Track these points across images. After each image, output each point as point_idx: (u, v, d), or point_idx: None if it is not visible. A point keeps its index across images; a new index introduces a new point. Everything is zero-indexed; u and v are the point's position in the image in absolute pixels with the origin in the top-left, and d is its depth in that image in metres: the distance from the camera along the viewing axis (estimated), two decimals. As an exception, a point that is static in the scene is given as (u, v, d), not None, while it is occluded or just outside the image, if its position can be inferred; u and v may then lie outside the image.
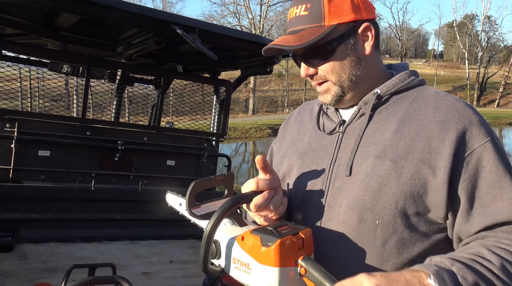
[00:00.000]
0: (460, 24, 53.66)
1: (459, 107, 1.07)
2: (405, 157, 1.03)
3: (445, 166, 1.00)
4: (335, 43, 1.09)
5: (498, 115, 33.80)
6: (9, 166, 3.77)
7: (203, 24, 3.52)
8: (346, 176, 1.08)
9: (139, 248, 3.92)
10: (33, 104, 6.95)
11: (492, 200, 1.00)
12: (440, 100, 1.09)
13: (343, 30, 1.09)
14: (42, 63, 4.10)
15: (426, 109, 1.08)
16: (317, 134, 1.20)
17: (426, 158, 1.02)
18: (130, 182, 4.30)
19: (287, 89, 40.22)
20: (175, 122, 4.91)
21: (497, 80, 46.99)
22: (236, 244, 0.95)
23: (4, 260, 3.24)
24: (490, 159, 1.01)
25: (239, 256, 0.94)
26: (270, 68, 4.30)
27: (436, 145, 1.02)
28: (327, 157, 1.14)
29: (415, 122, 1.06)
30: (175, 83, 5.20)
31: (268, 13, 39.91)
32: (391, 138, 1.06)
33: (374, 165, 1.04)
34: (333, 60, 1.10)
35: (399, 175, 1.02)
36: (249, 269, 0.92)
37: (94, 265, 2.30)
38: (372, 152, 1.06)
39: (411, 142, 1.04)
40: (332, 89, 1.13)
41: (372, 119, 1.11)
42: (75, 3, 2.98)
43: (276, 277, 0.88)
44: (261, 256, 0.90)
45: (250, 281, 0.92)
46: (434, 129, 1.04)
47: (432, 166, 1.01)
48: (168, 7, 43.84)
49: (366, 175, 1.05)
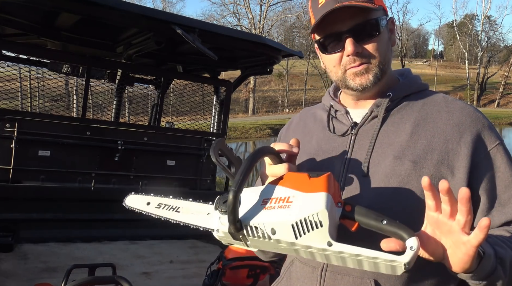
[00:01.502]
0: (460, 24, 53.67)
1: (471, 111, 1.12)
2: (424, 157, 1.05)
3: (464, 166, 1.04)
4: (384, 23, 1.11)
5: (498, 115, 33.79)
6: (9, 166, 3.77)
7: (203, 24, 3.52)
8: (362, 176, 1.08)
9: (139, 248, 3.92)
10: (33, 104, 6.95)
11: (509, 198, 1.05)
12: (451, 104, 1.13)
13: (383, 14, 1.12)
14: (42, 63, 4.11)
15: (439, 113, 1.11)
16: (326, 136, 1.19)
17: (444, 158, 1.05)
18: (130, 182, 4.30)
19: (287, 89, 40.22)
20: (175, 122, 4.91)
21: (497, 80, 47.01)
22: (271, 186, 0.95)
23: (4, 260, 3.24)
24: (503, 160, 1.07)
25: (277, 193, 0.92)
26: (270, 68, 4.30)
27: (453, 146, 1.06)
28: (339, 158, 1.13)
29: (430, 125, 1.09)
30: (175, 83, 5.20)
31: (268, 13, 39.94)
32: (408, 140, 1.08)
33: (394, 165, 1.06)
34: (380, 39, 1.11)
35: (419, 175, 1.03)
36: (289, 202, 0.90)
37: (94, 265, 2.30)
38: (390, 152, 1.08)
39: (429, 143, 1.06)
40: (373, 70, 1.10)
41: (385, 122, 1.12)
42: (75, 3, 2.98)
43: (324, 201, 0.87)
44: (310, 185, 0.90)
45: (287, 215, 0.88)
46: (449, 131, 1.07)
47: (450, 166, 1.04)
48: (168, 7, 43.87)
49: (385, 174, 1.06)
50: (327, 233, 0.86)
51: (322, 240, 0.86)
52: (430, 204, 0.87)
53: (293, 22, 48.36)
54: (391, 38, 1.16)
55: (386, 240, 0.88)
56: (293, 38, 51.76)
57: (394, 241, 0.87)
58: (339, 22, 1.07)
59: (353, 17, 1.06)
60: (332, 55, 1.11)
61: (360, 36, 1.08)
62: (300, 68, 41.64)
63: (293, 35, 52.48)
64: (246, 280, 2.95)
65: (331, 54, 1.11)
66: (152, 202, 1.20)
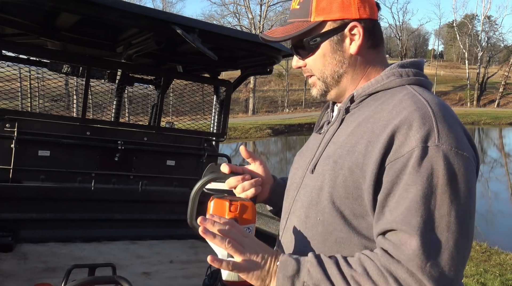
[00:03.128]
0: (460, 24, 53.69)
1: (411, 108, 0.99)
2: (344, 158, 1.04)
3: (371, 171, 0.98)
4: (318, 39, 1.13)
5: (498, 115, 33.80)
6: (9, 166, 3.77)
7: (203, 24, 3.51)
8: (310, 173, 1.14)
9: (139, 248, 3.92)
10: (33, 104, 6.95)
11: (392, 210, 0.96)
12: (403, 102, 1.02)
13: (329, 27, 1.12)
14: (42, 63, 4.10)
15: (383, 111, 1.04)
16: (314, 133, 1.29)
17: (360, 161, 1.01)
18: (130, 182, 4.30)
19: (287, 89, 40.21)
20: (175, 122, 4.90)
21: (497, 80, 47.00)
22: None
23: (4, 260, 3.24)
24: (411, 170, 0.93)
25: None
26: (270, 68, 4.29)
27: (372, 148, 1.00)
28: (310, 155, 1.20)
29: (368, 125, 1.04)
30: (175, 83, 5.19)
31: (268, 13, 39.96)
32: (344, 140, 1.08)
33: (323, 164, 1.09)
34: (316, 55, 1.15)
35: (336, 176, 1.04)
36: None
37: (94, 265, 2.30)
38: (329, 152, 1.11)
39: (355, 144, 1.04)
40: (317, 83, 1.19)
41: (344, 121, 1.14)
42: (75, 3, 2.98)
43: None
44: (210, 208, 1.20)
45: None
46: (376, 132, 1.01)
47: (363, 170, 1.00)
48: (168, 7, 43.89)
49: (318, 173, 1.10)
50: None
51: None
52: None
53: (293, 22, 48.23)
54: (345, 47, 1.12)
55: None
56: (293, 38, 51.60)
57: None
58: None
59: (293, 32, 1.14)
60: None
61: (298, 52, 1.19)
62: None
63: (293, 35, 52.33)
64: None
65: None
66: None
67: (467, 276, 5.56)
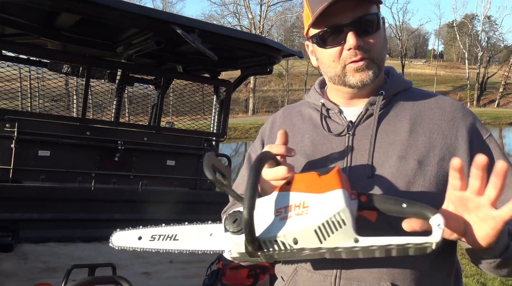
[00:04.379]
0: (460, 24, 53.67)
1: (459, 105, 1.15)
2: (427, 155, 1.06)
3: (464, 159, 1.05)
4: (382, 19, 1.11)
5: (498, 115, 33.78)
6: (9, 166, 3.77)
7: (203, 24, 3.51)
8: (367, 177, 1.06)
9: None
10: (33, 104, 6.94)
11: (508, 184, 1.04)
12: (440, 100, 1.16)
13: (379, 11, 1.12)
14: (42, 63, 4.10)
15: (431, 109, 1.13)
16: (320, 136, 1.16)
17: (445, 154, 1.06)
18: (130, 182, 4.30)
19: (287, 89, 40.21)
20: (175, 122, 4.91)
21: (497, 80, 46.99)
22: (281, 193, 0.89)
23: (4, 260, 3.24)
24: (496, 149, 1.10)
25: (290, 200, 0.87)
26: (270, 68, 4.29)
27: (451, 141, 1.08)
28: (339, 159, 1.11)
29: (426, 122, 1.11)
30: (175, 83, 5.19)
31: (268, 13, 39.94)
32: (408, 138, 1.08)
33: (399, 165, 1.05)
34: (379, 35, 1.10)
35: (425, 173, 1.05)
36: (306, 207, 0.85)
37: (94, 265, 2.30)
38: (392, 152, 1.07)
39: (429, 140, 1.08)
40: (372, 66, 1.09)
41: (381, 121, 1.11)
42: (75, 3, 2.98)
43: (342, 198, 0.84)
44: (322, 184, 0.86)
45: (309, 221, 0.84)
46: (446, 127, 1.10)
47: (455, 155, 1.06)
48: (168, 7, 43.89)
49: (392, 175, 1.05)
50: (351, 230, 0.83)
51: (348, 238, 0.83)
52: (456, 184, 0.87)
53: (293, 22, 48.36)
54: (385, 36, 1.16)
55: (407, 220, 0.87)
56: (293, 38, 51.73)
57: (416, 221, 0.86)
58: (340, 15, 1.05)
59: (353, 10, 1.05)
60: (331, 49, 1.09)
61: (361, 29, 1.06)
62: (300, 68, 41.63)
63: (293, 35, 52.46)
64: (246, 280, 2.95)
65: (330, 48, 1.09)
66: (143, 235, 1.12)
67: (467, 276, 5.56)
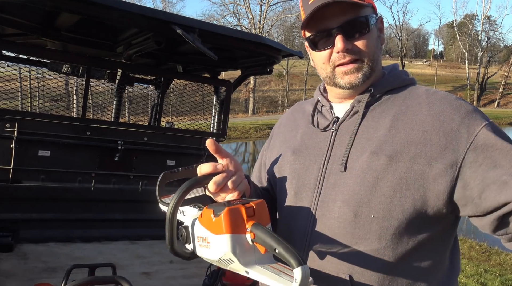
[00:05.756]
0: (460, 24, 53.68)
1: (451, 99, 1.08)
2: (401, 151, 1.04)
3: (444, 155, 1.00)
4: (373, 21, 1.11)
5: (498, 115, 33.79)
6: (9, 166, 3.77)
7: (203, 24, 3.51)
8: (340, 171, 1.09)
9: (139, 248, 3.92)
10: (33, 104, 6.95)
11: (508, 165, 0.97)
12: (432, 95, 1.10)
13: (373, 12, 1.12)
14: (42, 63, 4.10)
15: (419, 105, 1.09)
16: (310, 131, 1.21)
17: (421, 150, 1.02)
18: (130, 182, 4.30)
19: (287, 89, 40.21)
20: (175, 122, 4.91)
21: (497, 80, 47.01)
22: (197, 223, 0.99)
23: (4, 260, 3.24)
24: (495, 137, 1.00)
25: (200, 233, 0.98)
26: (270, 68, 4.29)
27: (431, 136, 1.02)
28: (321, 153, 1.15)
29: (409, 118, 1.07)
30: (175, 83, 5.19)
31: (268, 13, 39.95)
32: (386, 134, 1.07)
33: (370, 161, 1.05)
34: (370, 37, 1.10)
35: (395, 169, 1.02)
36: (208, 243, 0.95)
37: (94, 265, 2.30)
38: (367, 148, 1.07)
39: (406, 136, 1.05)
40: (362, 68, 1.10)
41: (365, 117, 1.12)
42: (75, 3, 2.98)
43: (228, 243, 0.90)
44: (214, 226, 0.93)
45: (210, 255, 0.95)
46: (429, 122, 1.04)
47: (428, 157, 1.01)
48: (168, 7, 43.89)
49: (362, 170, 1.06)
50: (240, 266, 0.92)
51: (241, 270, 0.93)
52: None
53: (293, 22, 48.36)
54: (380, 36, 1.16)
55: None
56: (293, 38, 51.74)
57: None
58: (330, 19, 1.07)
59: (343, 13, 1.07)
60: (322, 52, 1.12)
61: (350, 32, 1.08)
62: (300, 68, 41.63)
63: (293, 35, 52.47)
64: (246, 280, 2.95)
65: (321, 51, 1.12)
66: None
67: (467, 276, 5.56)
